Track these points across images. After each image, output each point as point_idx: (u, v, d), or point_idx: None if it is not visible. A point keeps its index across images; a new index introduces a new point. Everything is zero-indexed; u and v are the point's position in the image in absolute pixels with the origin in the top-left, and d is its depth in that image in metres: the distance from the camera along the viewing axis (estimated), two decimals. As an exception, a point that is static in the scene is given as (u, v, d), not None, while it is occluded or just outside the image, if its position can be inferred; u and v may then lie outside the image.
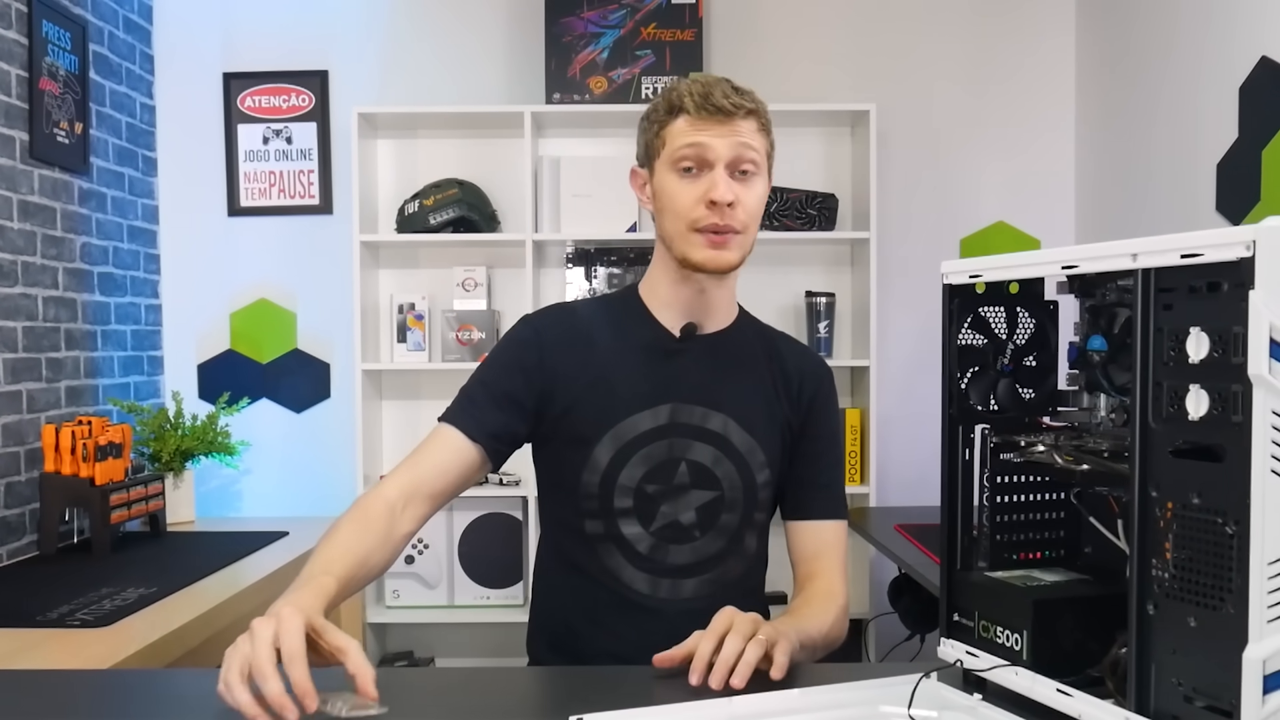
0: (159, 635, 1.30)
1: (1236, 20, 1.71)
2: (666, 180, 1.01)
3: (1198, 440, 0.61)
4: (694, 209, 0.99)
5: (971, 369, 0.80)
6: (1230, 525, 0.58)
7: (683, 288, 1.05)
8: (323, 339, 2.39)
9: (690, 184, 1.00)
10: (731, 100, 0.99)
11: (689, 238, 1.01)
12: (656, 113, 1.03)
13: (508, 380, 1.03)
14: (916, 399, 2.33)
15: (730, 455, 1.04)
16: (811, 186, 2.30)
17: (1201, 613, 0.60)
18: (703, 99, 0.99)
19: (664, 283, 1.07)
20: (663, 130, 1.02)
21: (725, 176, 0.99)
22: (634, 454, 1.02)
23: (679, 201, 1.00)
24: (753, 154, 1.00)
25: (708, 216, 0.99)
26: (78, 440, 1.77)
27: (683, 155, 0.99)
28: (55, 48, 1.95)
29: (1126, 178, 2.13)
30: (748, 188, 1.01)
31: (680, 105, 1.00)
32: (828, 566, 1.06)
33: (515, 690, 0.84)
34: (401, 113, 2.25)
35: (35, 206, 1.90)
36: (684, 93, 1.00)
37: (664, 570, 1.03)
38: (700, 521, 1.03)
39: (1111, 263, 0.66)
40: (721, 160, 0.99)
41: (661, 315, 1.07)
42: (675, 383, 1.04)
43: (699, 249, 1.00)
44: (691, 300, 1.06)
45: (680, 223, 1.01)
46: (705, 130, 0.99)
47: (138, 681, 0.97)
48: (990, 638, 0.75)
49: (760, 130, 1.02)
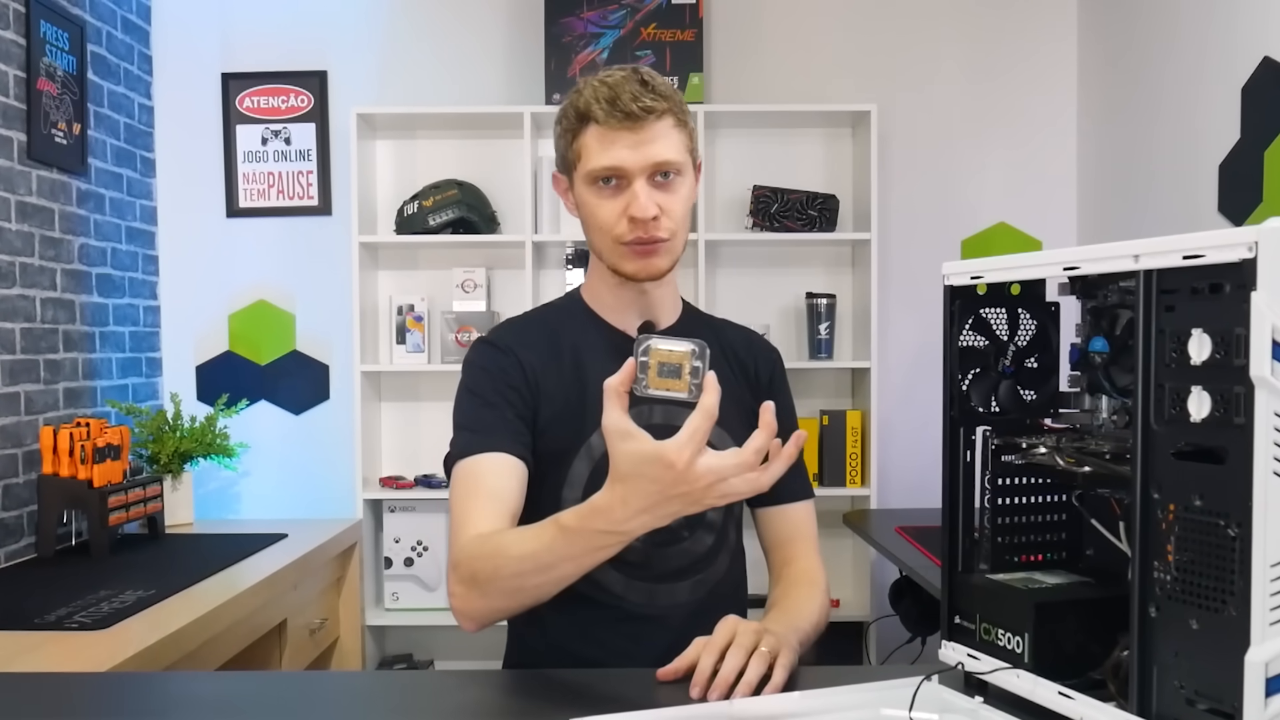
0: (157, 638, 1.30)
1: (1239, 20, 1.71)
2: (586, 194, 0.99)
3: (1200, 442, 0.60)
4: (617, 224, 0.97)
5: (973, 370, 0.79)
6: (1232, 527, 0.58)
7: (624, 291, 1.04)
8: (322, 340, 2.39)
9: (610, 200, 0.97)
10: (641, 104, 0.94)
11: (616, 250, 0.99)
12: (567, 120, 0.99)
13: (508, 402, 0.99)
14: (918, 401, 2.33)
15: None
16: (812, 187, 2.30)
17: (1204, 615, 0.60)
18: (610, 105, 0.94)
19: (605, 288, 1.05)
20: (575, 141, 0.98)
21: (645, 188, 0.95)
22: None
23: (601, 217, 0.98)
24: (671, 159, 0.96)
25: (631, 231, 0.97)
26: (76, 442, 1.77)
27: (597, 174, 0.96)
28: (53, 48, 1.95)
29: (1128, 179, 2.13)
30: (671, 193, 0.97)
31: (588, 113, 0.96)
32: (804, 549, 1.05)
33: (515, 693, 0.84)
34: (400, 113, 2.25)
35: (33, 207, 1.90)
36: (590, 98, 0.95)
37: (659, 576, 1.01)
38: (687, 521, 1.02)
39: (1113, 264, 0.66)
40: (639, 174, 0.95)
41: (612, 319, 1.05)
42: None
43: (628, 261, 0.99)
44: (636, 300, 1.04)
45: (606, 237, 0.99)
46: (618, 141, 0.94)
47: (136, 684, 0.96)
48: (992, 640, 0.75)
49: (677, 127, 0.97)
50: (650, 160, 0.95)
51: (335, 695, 0.87)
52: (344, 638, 2.14)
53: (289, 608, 1.81)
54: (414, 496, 2.24)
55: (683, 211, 0.99)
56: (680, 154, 0.98)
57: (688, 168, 1.00)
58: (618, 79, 0.96)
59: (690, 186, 1.01)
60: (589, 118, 0.96)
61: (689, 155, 1.00)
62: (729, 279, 2.37)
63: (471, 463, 0.95)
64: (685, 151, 0.99)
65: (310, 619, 1.95)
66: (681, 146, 0.98)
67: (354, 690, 0.88)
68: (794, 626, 0.90)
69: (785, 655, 0.81)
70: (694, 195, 1.02)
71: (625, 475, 0.72)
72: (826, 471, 2.25)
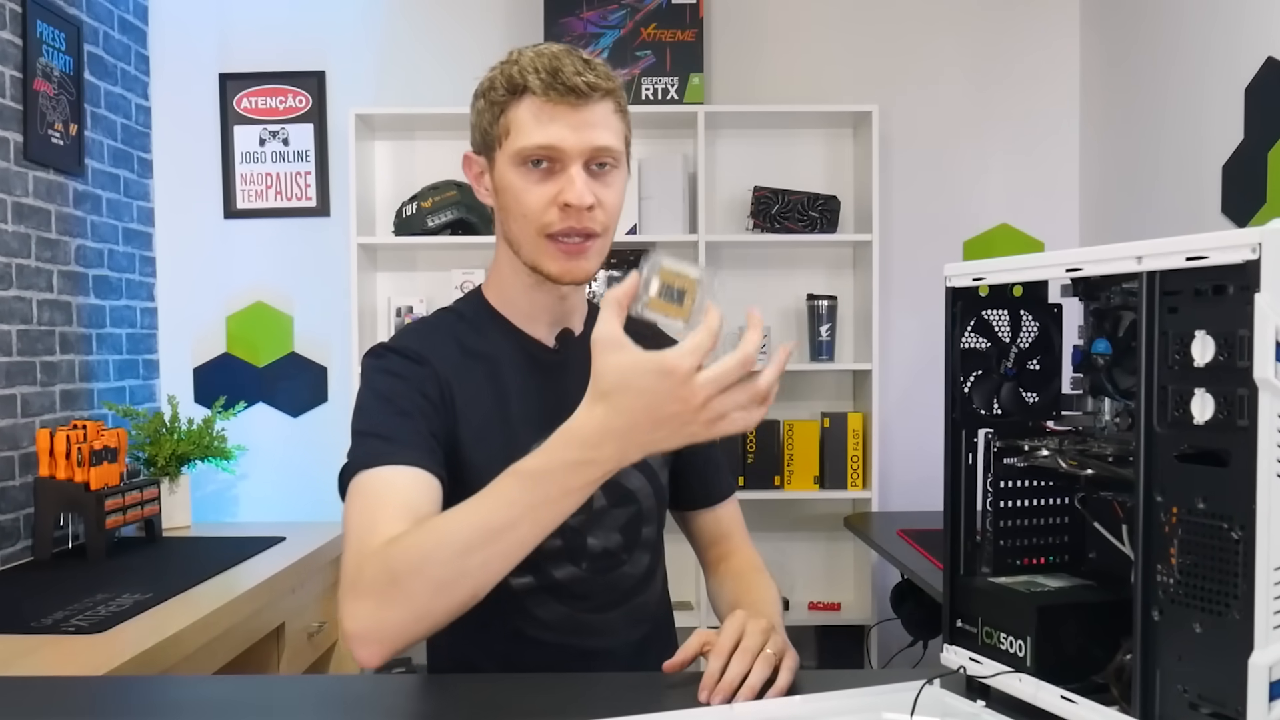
0: (154, 642, 1.29)
1: (1242, 21, 1.71)
2: (510, 177, 0.86)
3: (1203, 445, 0.60)
4: (545, 212, 0.85)
5: (975, 373, 0.79)
6: (1236, 530, 0.58)
7: (539, 295, 0.92)
8: (320, 342, 2.38)
9: (540, 184, 0.85)
10: (585, 79, 0.83)
11: (540, 245, 0.87)
12: (494, 91, 0.87)
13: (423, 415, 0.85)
14: (919, 403, 2.33)
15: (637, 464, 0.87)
16: (813, 188, 2.30)
17: (1207, 619, 0.60)
18: (551, 76, 0.83)
19: (517, 290, 0.92)
20: (504, 115, 0.86)
21: (582, 175, 0.85)
22: None
23: (527, 203, 0.86)
24: (612, 145, 0.86)
25: (562, 220, 0.85)
26: (72, 444, 1.76)
27: (530, 154, 0.85)
28: (50, 48, 1.95)
29: (1131, 180, 2.12)
30: (606, 185, 0.87)
31: (524, 84, 0.84)
32: (739, 542, 1.03)
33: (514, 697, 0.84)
34: (399, 114, 2.24)
35: (29, 209, 1.89)
36: (527, 68, 0.84)
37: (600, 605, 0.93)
38: (626, 543, 0.94)
39: (1116, 265, 0.66)
40: (577, 158, 0.84)
41: (524, 325, 0.93)
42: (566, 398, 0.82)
43: (553, 260, 0.87)
44: (553, 307, 0.93)
45: (530, 227, 0.86)
46: (556, 119, 0.83)
47: (133, 688, 0.96)
48: (994, 644, 0.75)
49: (617, 113, 0.88)
50: (591, 144, 0.85)
51: (334, 699, 0.87)
52: (342, 641, 2.13)
53: (287, 611, 1.81)
54: (412, 498, 2.23)
55: (617, 207, 0.89)
56: (619, 143, 0.88)
57: (624, 160, 0.90)
58: (557, 50, 0.86)
59: (624, 181, 0.91)
60: (523, 89, 0.84)
61: (625, 146, 0.90)
62: (729, 280, 2.37)
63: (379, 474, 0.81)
64: (623, 142, 0.89)
65: (309, 622, 1.94)
66: (621, 136, 0.88)
67: (353, 694, 0.88)
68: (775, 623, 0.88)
69: (790, 657, 0.80)
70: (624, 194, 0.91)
71: (610, 389, 0.64)
72: (827, 474, 2.24)
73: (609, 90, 0.87)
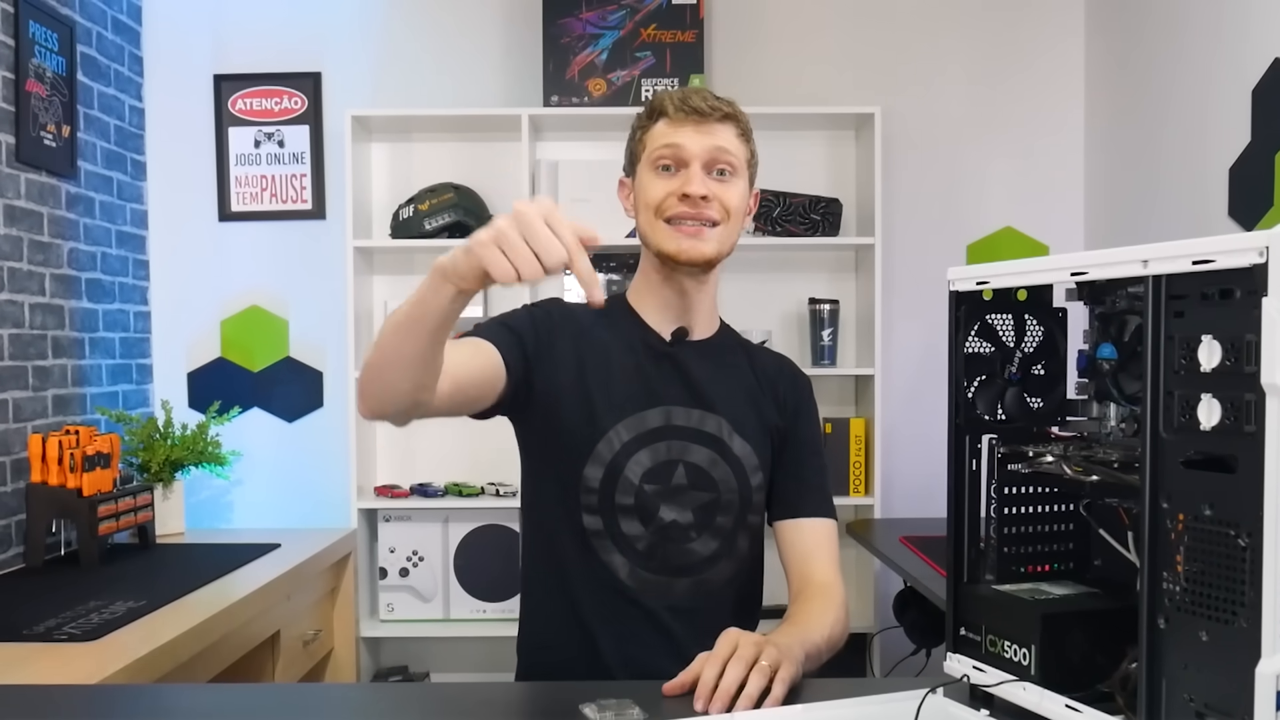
0: (148, 649, 1.28)
1: (1249, 21, 1.69)
2: (645, 178, 1.04)
3: (1210, 451, 0.60)
4: (665, 200, 1.02)
5: (978, 378, 0.79)
6: (1243, 537, 0.58)
7: (665, 289, 1.07)
8: (315, 347, 2.37)
9: (666, 180, 1.02)
10: (710, 103, 1.02)
11: (660, 228, 1.02)
12: (638, 120, 1.07)
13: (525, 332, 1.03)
14: (922, 408, 2.31)
15: (726, 458, 1.05)
16: (815, 191, 2.29)
17: (1214, 627, 0.59)
18: (682, 101, 1.02)
19: (649, 286, 1.08)
20: (644, 135, 1.05)
21: (700, 174, 1.01)
22: (635, 453, 1.03)
23: (651, 195, 1.02)
24: (729, 155, 1.02)
25: (678, 205, 1.01)
26: (65, 450, 1.75)
27: (659, 155, 1.02)
28: (42, 49, 1.93)
29: (1137, 182, 2.11)
30: (725, 186, 1.02)
31: (660, 109, 1.04)
32: (823, 565, 1.06)
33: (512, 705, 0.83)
34: (396, 115, 2.23)
35: (22, 211, 1.88)
36: (664, 98, 1.04)
37: (659, 569, 1.04)
38: (697, 522, 1.04)
39: (1121, 269, 0.65)
40: (697, 159, 1.01)
41: (650, 319, 1.09)
42: (670, 384, 1.06)
43: (671, 239, 1.02)
44: (675, 301, 1.07)
45: (650, 213, 1.03)
46: (683, 127, 1.02)
47: (126, 697, 0.95)
48: (998, 652, 0.74)
49: (739, 136, 1.05)
50: (711, 145, 1.01)
51: (329, 708, 0.86)
52: (338, 649, 2.12)
53: (282, 619, 1.79)
54: (409, 506, 2.22)
55: (737, 205, 1.03)
56: (740, 155, 1.04)
57: (744, 174, 1.04)
58: (693, 88, 1.07)
59: (745, 191, 1.05)
60: (660, 113, 1.04)
61: (747, 165, 1.05)
62: (730, 284, 2.33)
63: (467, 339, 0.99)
64: (744, 159, 1.05)
65: (304, 630, 1.92)
66: (741, 151, 1.04)
67: (348, 703, 0.87)
68: (802, 639, 0.89)
69: (786, 669, 0.80)
70: (746, 207, 1.06)
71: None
72: (830, 478, 2.22)
73: (730, 114, 1.04)
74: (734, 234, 1.05)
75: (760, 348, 1.18)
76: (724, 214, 1.02)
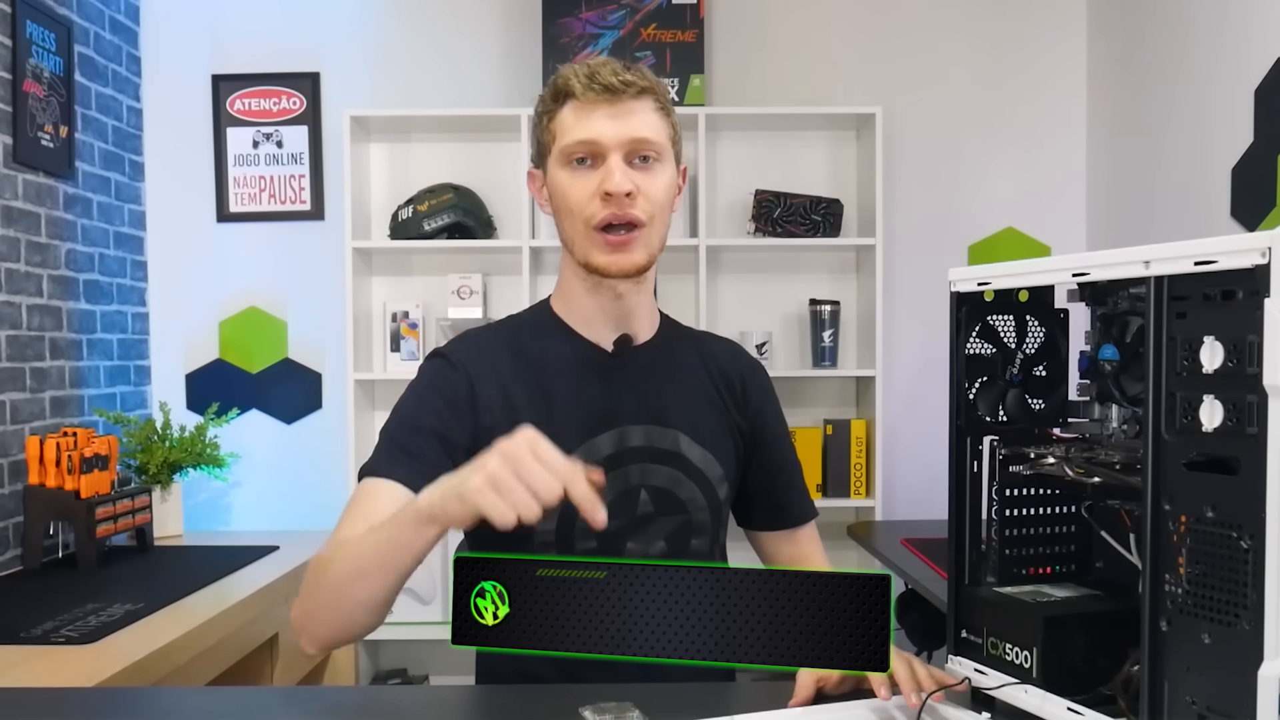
0: (146, 652, 1.28)
1: (1252, 21, 1.69)
2: (559, 177, 0.92)
3: (1212, 452, 0.60)
4: (589, 204, 0.90)
5: (980, 379, 0.79)
6: (1245, 539, 0.57)
7: (596, 297, 0.95)
8: (314, 348, 2.36)
9: (583, 177, 0.90)
10: (621, 77, 0.89)
11: (589, 238, 0.91)
12: (543, 103, 0.94)
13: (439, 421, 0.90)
14: (923, 410, 2.31)
15: (690, 474, 0.96)
16: (816, 191, 2.28)
17: (1216, 629, 0.59)
18: (590, 78, 0.89)
19: (577, 293, 0.96)
20: (551, 122, 0.92)
21: (621, 165, 0.89)
22: None
23: (572, 198, 0.90)
24: (651, 144, 0.90)
25: (604, 208, 0.89)
26: (63, 452, 1.75)
27: (572, 151, 0.90)
28: (40, 49, 1.93)
29: (1139, 183, 2.10)
30: (650, 175, 0.91)
31: (567, 89, 0.90)
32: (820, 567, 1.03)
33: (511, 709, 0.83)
34: (395, 116, 2.23)
35: (19, 212, 1.87)
36: (569, 76, 0.91)
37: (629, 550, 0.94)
38: (671, 552, 0.95)
39: (1123, 270, 0.65)
40: (615, 149, 0.89)
41: (584, 330, 0.97)
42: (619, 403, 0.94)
43: (600, 252, 0.91)
44: (611, 307, 0.95)
45: (577, 221, 0.91)
46: (595, 114, 0.89)
47: (124, 700, 0.95)
48: (999, 655, 0.74)
49: (659, 111, 0.92)
50: (628, 134, 0.89)
51: (328, 711, 0.86)
52: (337, 652, 2.11)
53: (281, 622, 1.79)
54: (407, 504, 2.21)
55: (663, 197, 0.91)
56: (661, 137, 0.92)
57: (669, 156, 0.93)
58: (600, 59, 0.93)
59: (672, 177, 0.94)
60: (567, 94, 0.91)
61: (671, 144, 0.93)
62: (730, 285, 2.36)
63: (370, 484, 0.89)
64: (667, 139, 0.93)
65: (302, 630, 1.92)
66: (663, 131, 0.92)
67: (347, 706, 0.87)
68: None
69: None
70: (676, 189, 0.95)
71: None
72: (830, 482, 2.23)
73: (645, 88, 0.91)
74: (663, 228, 0.93)
75: (708, 335, 1.07)
76: (650, 212, 0.90)
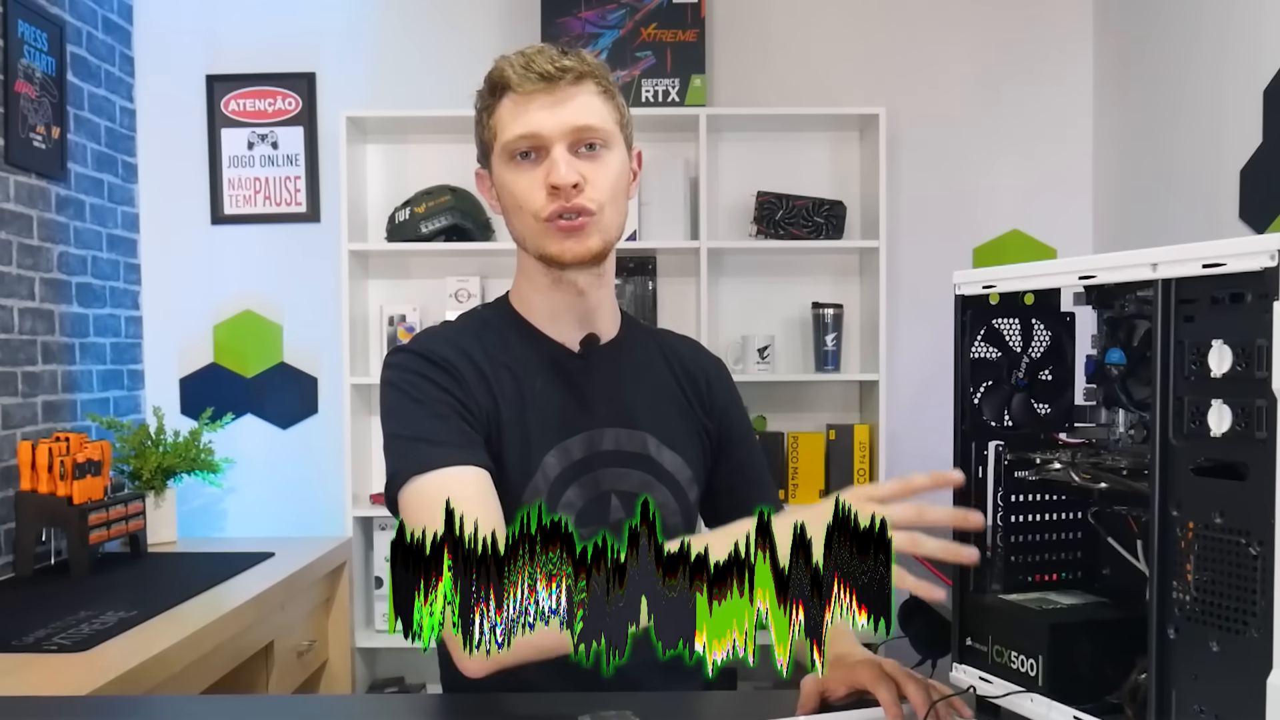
0: (139, 660, 1.27)
1: (1261, 21, 1.68)
2: (504, 175, 0.90)
3: (1220, 458, 0.59)
4: (535, 198, 0.87)
5: (985, 383, 0.78)
6: (1254, 546, 0.57)
7: (557, 293, 0.92)
8: (310, 352, 2.35)
9: (528, 172, 0.88)
10: (558, 64, 0.86)
11: (540, 230, 0.88)
12: (481, 99, 0.92)
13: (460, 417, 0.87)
14: (927, 414, 2.28)
15: (661, 477, 0.95)
16: (818, 193, 2.28)
17: (1224, 637, 0.59)
18: (525, 67, 0.86)
19: (536, 292, 0.94)
20: (490, 118, 0.90)
21: (566, 156, 0.86)
22: (560, 496, 0.90)
23: (519, 193, 0.88)
24: (595, 132, 0.87)
25: (551, 202, 0.87)
26: (55, 457, 1.73)
27: (514, 147, 0.88)
28: (31, 49, 1.91)
29: (1146, 184, 2.09)
30: (598, 164, 0.88)
31: (502, 81, 0.88)
32: None
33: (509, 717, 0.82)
34: (392, 117, 2.22)
35: (10, 214, 1.86)
36: (504, 67, 0.88)
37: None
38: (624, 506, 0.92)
39: (1130, 273, 0.65)
40: (558, 139, 0.86)
41: (548, 329, 0.94)
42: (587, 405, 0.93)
43: (552, 241, 0.88)
44: (574, 304, 0.93)
45: (526, 216, 0.89)
46: (533, 105, 0.86)
47: (117, 708, 0.94)
48: (1004, 663, 0.73)
49: (601, 95, 0.89)
50: (570, 123, 0.86)
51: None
52: (333, 660, 2.11)
53: (276, 629, 1.78)
54: (404, 509, 2.20)
55: (611, 186, 0.89)
56: (606, 123, 0.89)
57: (617, 142, 0.90)
58: (536, 47, 0.90)
59: (622, 163, 0.91)
60: (504, 87, 0.88)
61: (619, 129, 0.91)
62: (732, 288, 2.35)
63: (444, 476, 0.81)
64: (613, 124, 0.90)
65: (298, 641, 1.91)
66: (608, 116, 0.89)
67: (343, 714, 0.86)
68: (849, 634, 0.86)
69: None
70: (627, 175, 0.92)
71: None
72: (833, 487, 2.22)
73: (584, 72, 0.88)
74: (618, 216, 0.91)
75: (667, 333, 1.06)
76: (599, 200, 0.88)
